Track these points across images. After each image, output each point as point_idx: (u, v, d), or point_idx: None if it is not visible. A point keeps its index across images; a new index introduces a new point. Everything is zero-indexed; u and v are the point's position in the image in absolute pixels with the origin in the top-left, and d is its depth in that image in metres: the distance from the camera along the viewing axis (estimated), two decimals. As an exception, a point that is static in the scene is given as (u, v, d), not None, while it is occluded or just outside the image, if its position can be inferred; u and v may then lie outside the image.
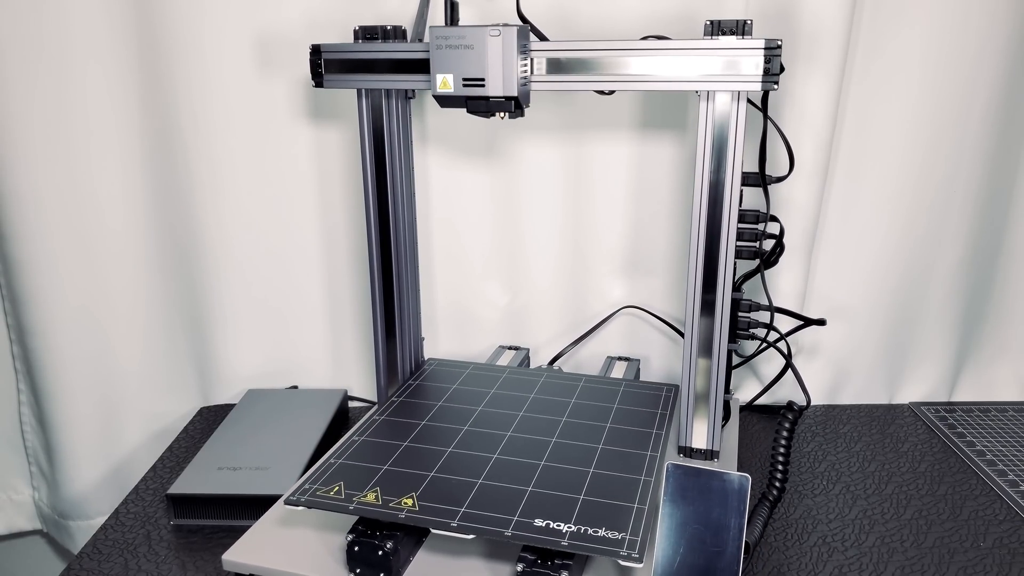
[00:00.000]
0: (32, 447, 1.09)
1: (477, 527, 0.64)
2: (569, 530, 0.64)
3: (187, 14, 0.91)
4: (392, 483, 0.70)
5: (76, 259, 0.96)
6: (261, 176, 0.99)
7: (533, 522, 0.65)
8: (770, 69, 0.71)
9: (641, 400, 0.89)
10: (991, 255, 1.03)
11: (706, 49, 0.72)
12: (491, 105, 0.77)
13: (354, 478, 0.71)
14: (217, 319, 1.04)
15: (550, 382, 0.92)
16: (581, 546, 0.62)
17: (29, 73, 0.89)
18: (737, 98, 0.73)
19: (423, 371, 0.94)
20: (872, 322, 1.04)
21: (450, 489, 0.70)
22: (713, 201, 0.76)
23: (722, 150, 0.75)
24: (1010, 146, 0.98)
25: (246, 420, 0.95)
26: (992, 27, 0.91)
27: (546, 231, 1.02)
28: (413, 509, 0.66)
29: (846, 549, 0.77)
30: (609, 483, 0.72)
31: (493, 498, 0.69)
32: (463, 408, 0.85)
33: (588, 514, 0.67)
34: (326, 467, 0.73)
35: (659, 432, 0.82)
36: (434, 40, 0.75)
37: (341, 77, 0.83)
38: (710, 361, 0.81)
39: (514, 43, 0.74)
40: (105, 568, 0.75)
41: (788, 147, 0.83)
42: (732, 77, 0.72)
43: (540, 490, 0.70)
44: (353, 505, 0.67)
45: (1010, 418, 1.04)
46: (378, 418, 0.82)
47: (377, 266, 0.90)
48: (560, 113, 0.97)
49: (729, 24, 0.72)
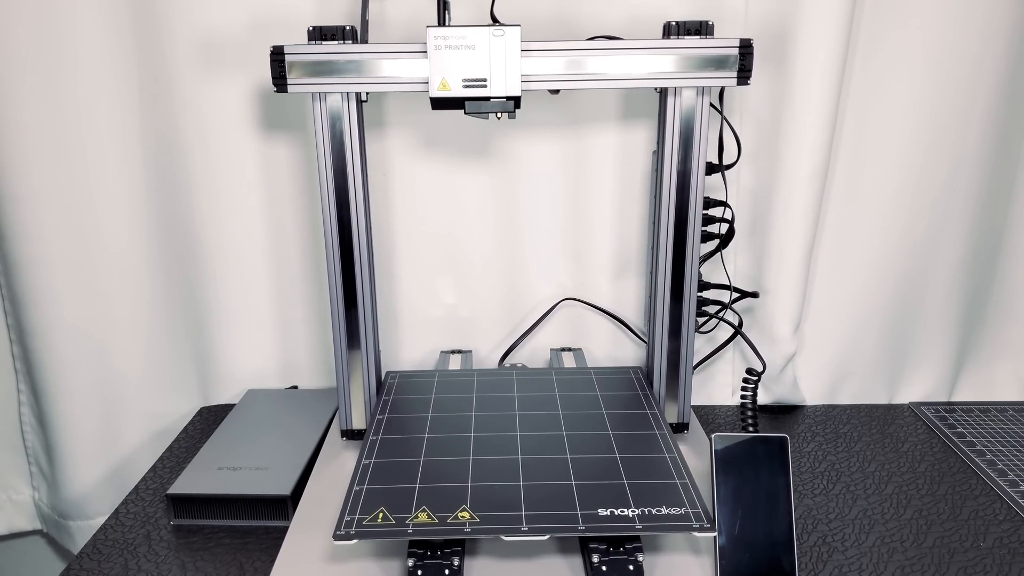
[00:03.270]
0: (32, 447, 1.09)
1: (548, 527, 0.64)
2: (635, 514, 0.65)
3: (187, 13, 0.91)
4: (433, 499, 0.68)
5: (76, 260, 0.96)
6: (258, 176, 0.99)
7: (597, 512, 0.66)
8: (745, 66, 0.77)
9: (617, 385, 0.91)
10: (991, 255, 1.03)
11: (689, 48, 0.77)
12: (491, 106, 0.77)
13: (392, 502, 0.68)
14: (217, 319, 1.04)
15: (524, 379, 0.92)
16: (654, 526, 0.64)
17: (29, 74, 0.89)
18: (701, 93, 0.80)
19: (390, 385, 0.91)
20: (872, 322, 1.04)
21: (496, 495, 0.69)
22: (681, 188, 0.83)
23: (688, 141, 0.81)
24: (1010, 146, 0.98)
25: (246, 420, 0.95)
26: (992, 27, 0.91)
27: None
28: (474, 521, 0.65)
29: (846, 549, 0.77)
30: (641, 465, 0.73)
31: (543, 497, 0.68)
32: (458, 416, 0.84)
33: (641, 496, 0.68)
34: (354, 496, 0.69)
35: (653, 412, 0.84)
36: (432, 41, 0.74)
37: (307, 80, 0.78)
38: (679, 341, 0.88)
39: (517, 43, 0.74)
40: (105, 568, 0.75)
41: (736, 137, 0.91)
42: (713, 74, 0.78)
43: (583, 482, 0.70)
44: (411, 528, 0.64)
45: (1010, 418, 1.04)
46: (376, 438, 0.80)
47: (337, 280, 0.85)
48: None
49: (693, 24, 0.78)
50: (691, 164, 0.82)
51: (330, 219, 0.83)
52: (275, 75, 0.77)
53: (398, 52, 0.77)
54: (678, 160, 0.82)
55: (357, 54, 0.77)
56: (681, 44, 0.77)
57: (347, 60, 0.77)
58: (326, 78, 0.77)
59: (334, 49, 0.77)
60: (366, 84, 0.78)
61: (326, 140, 0.80)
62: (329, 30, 0.77)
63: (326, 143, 0.80)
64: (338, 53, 0.77)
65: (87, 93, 0.91)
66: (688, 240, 0.85)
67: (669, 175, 0.83)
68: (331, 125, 0.80)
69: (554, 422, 0.82)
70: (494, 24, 0.75)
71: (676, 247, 0.85)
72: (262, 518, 0.81)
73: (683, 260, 0.85)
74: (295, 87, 0.78)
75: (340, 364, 0.88)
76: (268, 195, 1.00)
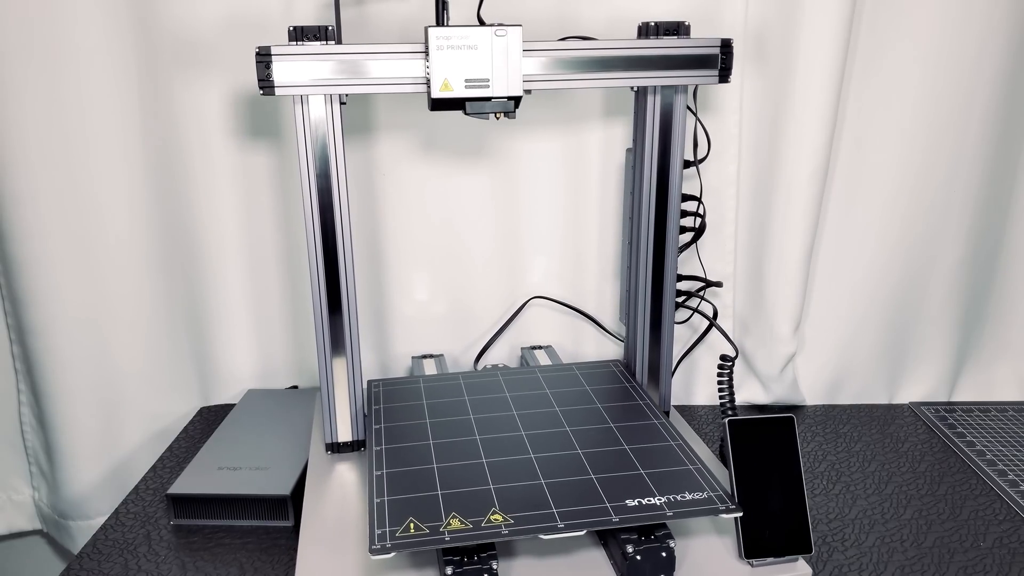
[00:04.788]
0: (32, 447, 1.09)
1: (583, 522, 0.65)
2: (662, 502, 0.67)
3: (187, 14, 0.91)
4: (460, 505, 0.68)
5: (76, 259, 0.96)
6: (258, 175, 0.99)
7: (625, 503, 0.67)
8: (727, 65, 0.79)
9: (602, 379, 0.91)
10: (991, 255, 1.03)
11: (675, 48, 0.78)
12: (493, 106, 0.76)
13: (418, 511, 0.67)
14: (217, 319, 1.04)
15: (511, 380, 0.92)
16: (684, 512, 0.65)
17: (29, 74, 0.89)
18: (683, 92, 0.82)
19: (376, 394, 0.89)
20: (872, 322, 1.04)
21: (522, 495, 0.69)
22: (661, 184, 0.85)
23: (667, 138, 0.83)
24: (1010, 146, 0.98)
25: (246, 420, 0.95)
26: (992, 27, 0.91)
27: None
28: (508, 523, 0.65)
29: (846, 549, 0.77)
30: (652, 454, 0.74)
31: (569, 493, 0.69)
32: (457, 420, 0.83)
33: (663, 484, 0.69)
34: (377, 508, 0.68)
35: (645, 403, 0.85)
36: (434, 41, 0.73)
37: (296, 83, 0.73)
38: (660, 332, 0.90)
39: (519, 43, 0.74)
40: (105, 568, 0.75)
41: (706, 133, 0.93)
42: (696, 72, 0.79)
43: (602, 475, 0.71)
44: (447, 536, 0.64)
45: (1010, 418, 1.04)
46: (380, 448, 0.78)
47: (322, 288, 0.80)
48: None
49: (670, 25, 0.80)
50: (671, 160, 0.84)
51: (313, 231, 0.79)
52: (261, 77, 0.73)
53: (395, 52, 0.75)
54: (658, 156, 0.84)
55: (350, 55, 0.74)
56: (669, 44, 0.78)
57: (340, 61, 0.74)
58: (316, 80, 0.74)
59: (327, 50, 0.73)
60: (361, 86, 0.75)
61: (308, 144, 0.76)
62: (311, 30, 0.73)
63: (308, 148, 0.76)
64: (331, 54, 0.73)
65: (88, 94, 0.91)
66: (668, 235, 0.87)
67: (649, 172, 0.84)
68: (313, 128, 0.76)
69: (554, 419, 0.82)
70: (481, 25, 0.74)
71: (656, 242, 0.87)
72: (262, 518, 0.81)
73: (663, 254, 0.87)
74: (283, 89, 0.73)
75: (325, 375, 0.83)
76: (268, 195, 1.00)
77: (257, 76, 0.73)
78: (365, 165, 0.98)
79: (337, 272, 0.80)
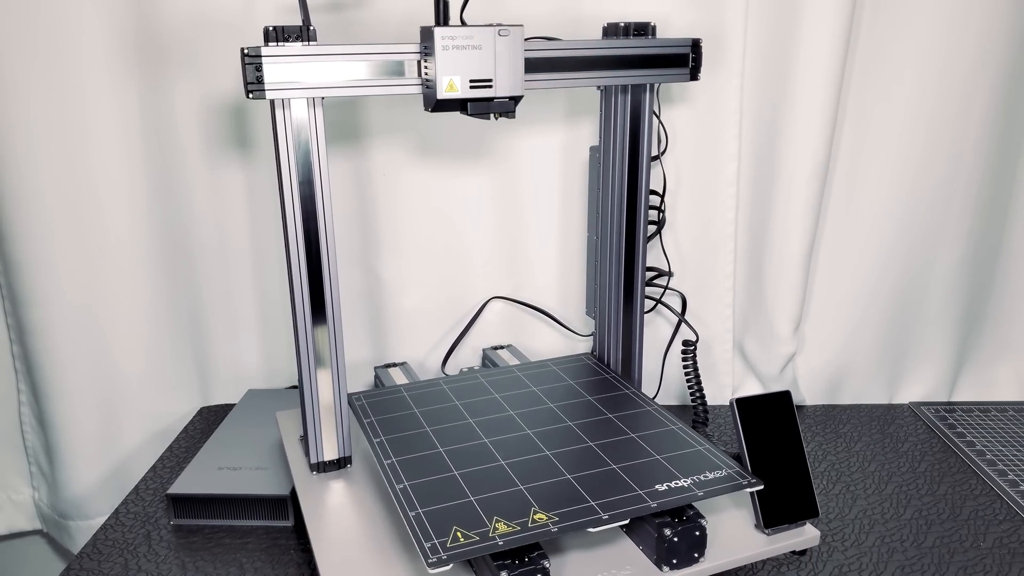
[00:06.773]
0: (32, 447, 1.09)
1: (624, 511, 0.66)
2: (689, 483, 0.69)
3: (187, 14, 0.91)
4: (498, 508, 0.67)
5: (76, 259, 0.96)
6: (258, 175, 0.99)
7: (656, 488, 0.68)
8: (697, 64, 0.82)
9: (581, 372, 0.92)
10: (991, 255, 1.03)
11: (649, 47, 0.81)
12: (494, 106, 0.76)
13: (460, 519, 0.66)
14: (217, 319, 1.04)
15: (493, 380, 0.91)
16: (713, 491, 0.68)
17: (29, 74, 0.89)
18: (646, 90, 0.84)
19: (362, 407, 0.87)
20: (872, 322, 1.04)
21: (553, 493, 0.69)
22: (632, 181, 0.87)
23: (636, 135, 0.86)
24: (1010, 146, 0.98)
25: (246, 420, 0.95)
26: (992, 28, 0.91)
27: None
28: (554, 520, 0.65)
29: (846, 549, 0.77)
30: (660, 440, 0.76)
31: (598, 484, 0.70)
32: (457, 426, 0.82)
33: (683, 467, 0.71)
34: (417, 522, 0.66)
35: (632, 391, 0.86)
36: (440, 41, 0.71)
37: (286, 85, 0.69)
38: (632, 323, 0.92)
39: (521, 43, 0.74)
40: (105, 568, 0.75)
41: (664, 129, 0.96)
42: (668, 71, 0.82)
43: (623, 464, 0.73)
44: (500, 540, 0.64)
45: (1010, 418, 1.04)
46: (390, 461, 0.76)
47: (305, 297, 0.76)
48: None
49: (639, 25, 0.82)
50: (640, 157, 0.87)
51: (297, 243, 0.74)
52: (251, 80, 0.68)
53: (393, 53, 0.72)
54: (629, 153, 0.86)
55: (350, 55, 0.71)
56: (643, 44, 0.80)
57: (338, 61, 0.71)
58: (308, 82, 0.69)
59: (318, 51, 0.69)
60: (360, 86, 0.72)
61: (291, 149, 0.72)
62: (292, 30, 0.69)
63: (291, 153, 0.72)
64: (325, 55, 0.70)
65: (89, 95, 0.91)
66: (638, 228, 0.89)
67: (620, 169, 0.87)
68: (296, 133, 0.71)
69: (552, 415, 0.82)
70: (463, 25, 0.73)
71: (628, 237, 0.89)
72: (262, 518, 0.81)
73: (634, 247, 0.89)
74: (274, 92, 0.69)
75: (310, 392, 0.78)
76: (269, 194, 0.99)
77: (245, 79, 0.68)
78: (351, 167, 0.98)
79: (321, 281, 0.76)
